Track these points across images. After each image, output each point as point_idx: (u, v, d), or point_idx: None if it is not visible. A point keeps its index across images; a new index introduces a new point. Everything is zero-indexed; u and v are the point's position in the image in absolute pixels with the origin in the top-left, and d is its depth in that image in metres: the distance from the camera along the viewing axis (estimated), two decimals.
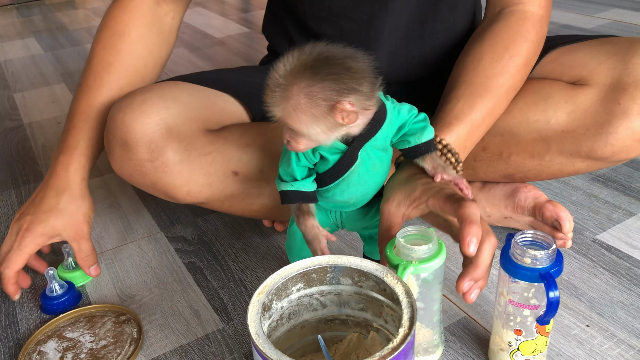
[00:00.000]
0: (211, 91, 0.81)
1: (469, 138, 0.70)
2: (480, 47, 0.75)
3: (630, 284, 0.74)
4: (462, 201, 0.55)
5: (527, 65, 0.75)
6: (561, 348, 0.66)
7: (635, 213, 0.88)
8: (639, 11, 1.93)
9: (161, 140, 0.72)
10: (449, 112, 0.71)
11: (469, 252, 0.53)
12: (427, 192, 0.60)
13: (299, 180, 0.63)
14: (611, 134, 0.70)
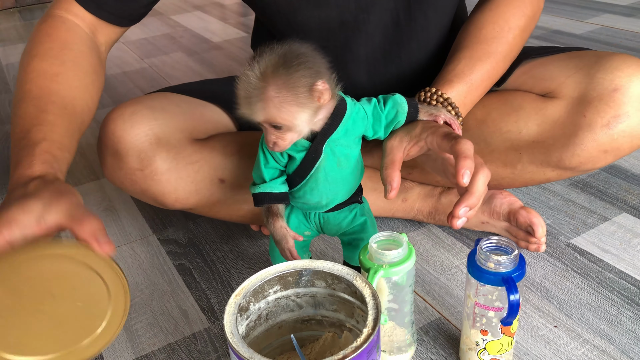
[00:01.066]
0: (198, 101, 0.84)
1: (468, 95, 0.76)
2: (482, 17, 0.81)
3: (599, 287, 0.78)
4: (457, 138, 0.61)
5: (522, 36, 0.81)
6: (529, 348, 0.69)
7: (610, 218, 0.91)
8: (630, 17, 1.96)
9: (150, 150, 0.75)
10: (450, 71, 0.77)
11: (462, 182, 0.59)
12: (426, 130, 0.66)
13: (267, 182, 0.66)
14: (577, 145, 0.73)
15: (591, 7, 2.09)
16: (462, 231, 0.91)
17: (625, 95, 0.70)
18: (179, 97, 0.84)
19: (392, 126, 0.68)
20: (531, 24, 0.82)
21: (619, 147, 0.72)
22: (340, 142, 0.64)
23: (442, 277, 0.82)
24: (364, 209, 0.74)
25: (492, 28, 0.79)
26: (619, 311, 0.73)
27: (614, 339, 0.69)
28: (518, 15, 0.80)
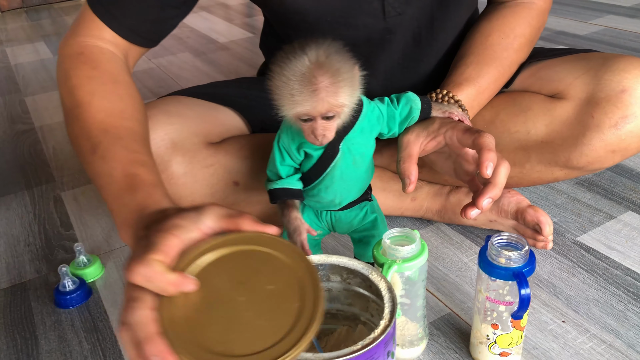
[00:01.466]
0: (212, 105, 0.86)
1: (476, 99, 0.78)
2: (489, 25, 0.83)
3: (606, 283, 0.79)
4: (479, 132, 0.64)
5: (528, 45, 0.84)
6: (537, 342, 0.71)
7: (615, 216, 0.93)
8: (634, 18, 1.97)
9: (166, 154, 0.77)
10: (459, 75, 0.79)
11: (486, 174, 0.61)
12: (445, 125, 0.68)
13: (283, 178, 0.68)
14: (585, 145, 0.75)
15: (595, 8, 2.10)
16: (470, 229, 0.92)
17: (632, 96, 0.71)
18: (193, 101, 0.85)
19: (406, 122, 0.70)
20: (536, 34, 0.85)
21: (627, 147, 0.74)
22: (357, 141, 0.66)
23: (451, 273, 0.83)
24: (374, 206, 0.76)
25: (498, 35, 0.82)
26: (625, 307, 0.75)
27: (621, 334, 0.71)
28: (524, 25, 0.82)
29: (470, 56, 0.81)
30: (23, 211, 1.08)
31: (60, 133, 1.41)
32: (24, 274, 0.90)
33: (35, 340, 0.77)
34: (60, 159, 1.28)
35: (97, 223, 1.02)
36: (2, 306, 0.84)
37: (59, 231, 1.01)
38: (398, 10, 0.76)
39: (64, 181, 1.18)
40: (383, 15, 0.76)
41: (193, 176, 0.79)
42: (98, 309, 0.82)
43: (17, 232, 1.02)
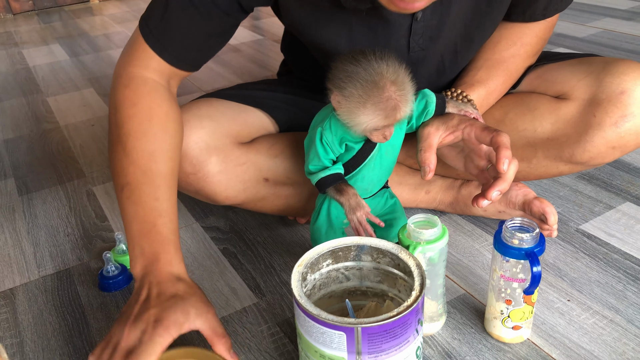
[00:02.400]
0: (240, 106, 0.92)
1: (485, 99, 0.87)
2: (498, 34, 0.90)
3: (607, 266, 0.87)
4: (497, 131, 0.71)
5: (534, 54, 0.91)
6: (545, 318, 0.78)
7: (615, 207, 1.00)
8: (630, 20, 2.05)
9: (201, 155, 0.84)
10: (471, 77, 0.87)
11: (502, 169, 0.69)
12: (464, 122, 0.76)
13: (330, 167, 0.75)
14: (588, 142, 0.82)
15: (592, 11, 2.18)
16: (480, 219, 0.99)
17: (631, 97, 0.79)
18: (222, 103, 0.91)
19: (422, 117, 0.78)
20: (542, 44, 0.92)
21: (626, 144, 0.81)
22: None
23: (464, 258, 0.91)
24: (391, 192, 0.84)
25: (506, 43, 0.89)
26: (624, 287, 0.82)
27: (620, 311, 0.78)
28: (531, 35, 0.89)
29: (481, 60, 0.89)
30: (59, 204, 1.15)
31: (85, 132, 1.47)
32: (67, 262, 0.97)
33: (85, 320, 0.84)
34: (88, 155, 1.34)
35: None
36: (51, 290, 0.91)
37: (94, 222, 1.08)
38: (422, 46, 0.82)
39: (94, 176, 1.24)
40: (407, 50, 0.82)
41: (227, 174, 0.86)
42: None
43: (55, 224, 1.08)
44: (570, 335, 0.75)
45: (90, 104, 1.65)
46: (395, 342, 0.58)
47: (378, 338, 0.57)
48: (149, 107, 0.76)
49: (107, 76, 1.89)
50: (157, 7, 0.78)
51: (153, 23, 0.78)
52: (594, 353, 0.72)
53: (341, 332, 0.56)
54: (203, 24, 0.78)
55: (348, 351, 0.58)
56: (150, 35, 0.78)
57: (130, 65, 0.79)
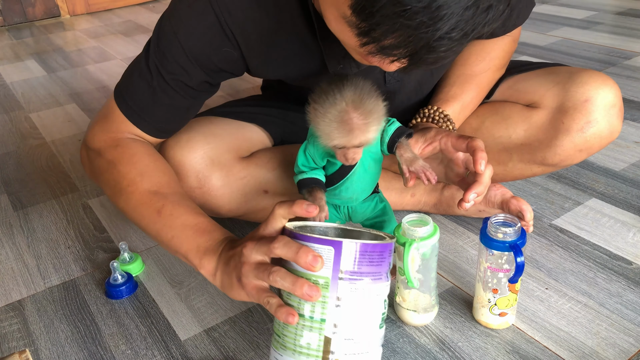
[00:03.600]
0: (238, 123, 0.98)
1: (461, 112, 0.94)
2: (467, 50, 0.98)
3: (578, 257, 0.95)
4: (471, 137, 0.77)
5: (502, 67, 0.99)
6: (527, 305, 0.86)
7: (582, 203, 1.10)
8: (585, 29, 2.19)
9: (206, 170, 0.90)
10: (446, 94, 0.94)
11: (480, 170, 0.75)
12: (441, 133, 0.82)
13: (308, 171, 0.80)
14: (558, 146, 0.91)
15: (551, 20, 2.31)
16: (462, 218, 1.07)
17: (594, 104, 0.88)
18: (221, 121, 0.97)
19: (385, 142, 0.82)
20: (509, 57, 1.01)
21: (591, 147, 0.90)
22: (371, 150, 0.80)
23: (449, 254, 0.98)
24: (381, 196, 0.91)
25: (476, 58, 0.97)
26: (595, 274, 0.91)
27: (593, 295, 0.87)
28: (498, 50, 0.98)
29: (453, 77, 0.97)
30: (56, 218, 1.18)
31: (73, 147, 1.50)
32: (71, 272, 1.01)
33: (96, 327, 0.88)
34: (79, 170, 1.37)
35: (128, 225, 1.13)
36: (59, 300, 0.94)
37: (94, 234, 1.12)
38: (397, 78, 0.89)
39: (87, 190, 1.28)
40: (384, 82, 0.89)
41: (229, 188, 0.92)
42: (146, 298, 0.93)
43: (55, 237, 1.11)
44: (550, 320, 0.83)
45: (75, 120, 1.68)
46: (372, 269, 0.62)
47: (360, 257, 0.61)
48: (148, 153, 0.84)
49: (88, 92, 1.91)
50: (137, 87, 0.82)
51: (132, 99, 0.83)
52: (571, 334, 0.80)
53: (329, 247, 0.60)
54: (182, 101, 0.83)
55: (333, 269, 0.60)
56: (130, 110, 0.83)
57: (110, 132, 0.85)
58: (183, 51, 0.78)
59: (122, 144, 0.83)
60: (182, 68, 0.79)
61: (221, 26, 0.76)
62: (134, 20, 2.86)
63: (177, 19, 0.78)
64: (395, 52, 0.53)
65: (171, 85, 0.81)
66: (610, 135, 0.90)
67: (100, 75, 2.06)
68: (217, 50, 0.79)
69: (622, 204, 1.08)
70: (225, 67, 0.82)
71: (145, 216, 0.79)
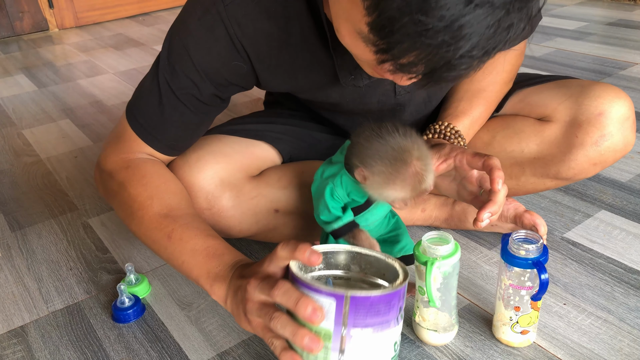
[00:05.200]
0: (247, 141, 0.96)
1: (471, 127, 0.93)
2: None
3: (594, 270, 0.94)
4: (487, 155, 0.76)
5: (510, 80, 0.98)
6: (546, 322, 0.84)
7: (592, 215, 1.09)
8: (578, 40, 2.21)
9: (216, 191, 0.87)
10: (455, 109, 0.92)
11: (497, 188, 0.74)
12: (455, 150, 0.81)
13: (342, 216, 0.79)
14: (572, 160, 0.90)
15: (544, 31, 2.33)
16: (474, 233, 1.06)
17: (608, 118, 0.87)
18: (230, 139, 0.95)
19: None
20: (515, 70, 0.99)
21: (605, 160, 0.90)
22: None
23: (464, 271, 0.97)
24: (392, 211, 0.89)
25: (482, 72, 0.96)
26: (612, 288, 0.90)
27: (612, 310, 0.86)
28: (505, 64, 0.97)
29: (461, 92, 0.96)
30: (55, 238, 1.14)
31: (69, 164, 1.47)
32: (75, 296, 0.98)
33: (104, 353, 0.85)
34: (76, 188, 1.34)
35: (131, 245, 1.10)
36: (63, 325, 0.91)
37: (96, 255, 1.08)
38: (407, 89, 0.88)
39: (87, 209, 1.24)
40: (394, 95, 0.88)
41: (240, 208, 0.89)
42: (155, 321, 0.90)
43: (56, 258, 1.08)
44: (571, 336, 0.82)
45: (70, 136, 1.64)
46: (379, 319, 0.61)
47: (364, 310, 0.59)
48: (159, 174, 0.83)
49: (81, 107, 1.87)
50: (147, 103, 0.82)
51: (144, 118, 0.82)
52: (594, 351, 0.79)
53: (332, 299, 0.59)
54: (192, 117, 0.83)
55: (335, 322, 0.60)
56: (141, 128, 0.83)
57: (122, 153, 0.84)
58: (193, 65, 0.77)
59: (133, 165, 0.81)
60: (193, 82, 0.78)
61: (231, 39, 0.75)
62: (124, 33, 2.83)
63: (187, 32, 0.77)
64: (413, 70, 0.53)
65: (182, 100, 0.80)
66: (625, 148, 0.90)
67: (92, 90, 2.03)
68: (227, 64, 0.78)
69: (632, 216, 1.08)
70: (235, 81, 0.81)
71: (156, 241, 0.77)
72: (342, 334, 0.60)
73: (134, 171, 0.81)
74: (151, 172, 0.81)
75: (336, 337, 0.60)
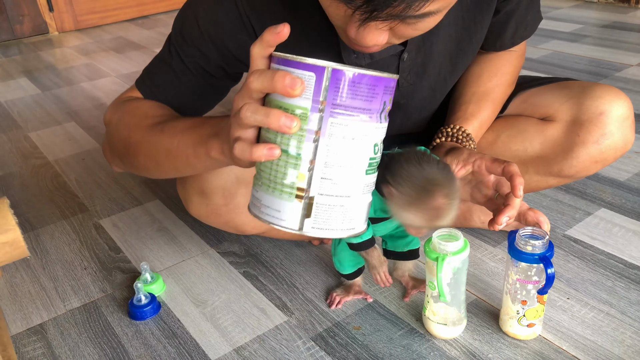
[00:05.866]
0: None
1: (479, 129, 0.95)
2: (479, 67, 1.00)
3: (595, 266, 0.98)
4: (507, 161, 0.78)
5: (513, 81, 1.01)
6: (551, 316, 0.88)
7: (592, 213, 1.12)
8: (574, 42, 2.25)
9: (232, 187, 0.90)
10: (464, 112, 0.95)
11: (519, 194, 0.76)
12: (474, 155, 0.82)
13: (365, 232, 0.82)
14: (574, 158, 0.93)
15: (540, 34, 2.37)
16: (478, 230, 1.09)
17: (608, 117, 0.90)
18: None
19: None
20: (518, 72, 1.03)
21: (606, 158, 0.93)
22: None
23: (470, 268, 1.00)
24: None
25: (488, 75, 0.99)
26: (613, 283, 0.93)
27: (614, 304, 0.89)
28: (508, 65, 1.00)
29: (468, 94, 0.98)
30: (68, 239, 1.17)
31: (77, 166, 1.49)
32: (90, 294, 1.00)
33: (122, 349, 0.87)
34: (86, 189, 1.36)
35: (144, 245, 1.13)
36: (81, 322, 0.93)
37: (109, 255, 1.11)
38: (410, 82, 0.90)
39: (97, 210, 1.27)
40: (397, 87, 0.90)
41: None
42: (171, 318, 0.93)
43: (70, 258, 1.10)
44: (575, 329, 0.85)
45: (76, 138, 1.66)
46: (360, 104, 0.54)
47: (345, 87, 0.53)
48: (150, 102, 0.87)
49: (86, 109, 1.90)
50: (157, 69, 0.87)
51: (151, 81, 0.87)
52: (597, 343, 0.82)
53: (311, 73, 0.53)
54: (198, 86, 0.86)
55: (313, 99, 0.53)
56: (147, 90, 0.87)
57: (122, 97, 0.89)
58: (202, 34, 0.81)
59: (127, 102, 0.87)
60: (200, 51, 0.82)
61: (239, 12, 0.79)
62: (124, 36, 2.85)
63: (198, 3, 0.81)
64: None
65: (189, 68, 0.84)
66: (624, 146, 0.93)
67: (96, 93, 2.05)
68: (233, 37, 0.81)
69: (631, 213, 1.11)
70: (240, 56, 0.83)
71: (153, 142, 0.77)
72: (320, 114, 0.54)
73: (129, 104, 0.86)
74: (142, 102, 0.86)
75: (313, 118, 0.54)
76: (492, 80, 0.99)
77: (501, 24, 0.93)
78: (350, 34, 0.63)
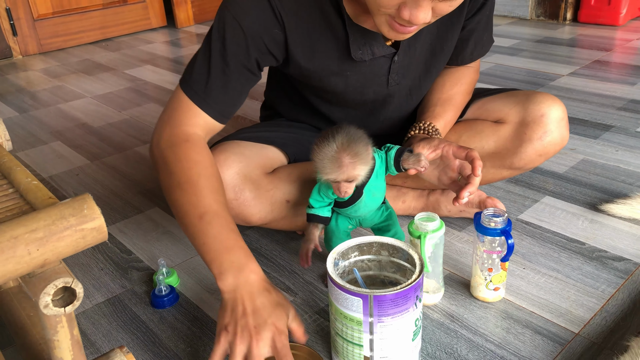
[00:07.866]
0: (260, 145, 1.14)
1: (444, 128, 1.14)
2: (442, 78, 1.20)
3: (544, 242, 1.18)
4: (469, 148, 0.98)
5: (470, 92, 1.21)
6: (512, 282, 1.06)
7: (539, 200, 1.33)
8: (513, 55, 2.51)
9: (241, 184, 1.05)
10: (432, 112, 1.14)
11: (478, 174, 0.96)
12: (443, 142, 1.02)
13: (317, 208, 1.00)
14: (522, 153, 1.14)
15: None
16: (446, 218, 1.27)
17: (549, 118, 1.11)
18: (247, 143, 1.13)
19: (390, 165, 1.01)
20: (474, 83, 1.24)
21: (548, 152, 1.14)
22: (374, 183, 0.99)
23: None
24: (387, 204, 1.09)
25: (450, 84, 1.19)
26: (559, 255, 1.13)
27: (560, 270, 1.09)
28: (467, 77, 1.21)
29: (434, 99, 1.18)
30: None
31: (73, 181, 1.59)
32: (112, 290, 1.12)
33: (152, 332, 1.00)
34: None
35: (152, 247, 1.25)
36: (109, 314, 1.05)
37: (122, 256, 1.23)
38: (397, 81, 1.09)
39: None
40: (387, 85, 1.09)
41: (259, 199, 1.07)
42: (190, 305, 1.06)
43: (85, 262, 1.21)
44: (531, 291, 1.04)
45: (65, 156, 1.76)
46: (398, 309, 0.78)
47: (385, 305, 0.78)
48: (207, 155, 0.96)
49: (69, 129, 1.99)
50: (200, 73, 0.98)
51: (197, 85, 0.98)
52: (549, 300, 1.01)
53: (359, 298, 0.77)
54: (237, 84, 1.00)
55: (364, 313, 0.78)
56: (196, 95, 0.98)
57: (181, 125, 0.97)
58: (242, 31, 0.94)
59: (191, 140, 0.94)
60: (241, 48, 0.95)
61: (272, 9, 0.94)
62: (90, 59, 2.93)
63: (236, 4, 0.94)
64: None
65: (230, 66, 0.96)
66: (562, 142, 1.14)
67: (75, 113, 2.14)
68: (268, 31, 0.96)
69: (570, 199, 1.33)
70: (273, 50, 0.98)
71: (188, 216, 0.89)
72: (370, 321, 0.79)
73: (192, 145, 0.93)
74: (204, 153, 0.95)
75: (365, 323, 0.79)
76: (454, 89, 1.18)
77: (463, 41, 1.13)
78: (404, 15, 0.80)
